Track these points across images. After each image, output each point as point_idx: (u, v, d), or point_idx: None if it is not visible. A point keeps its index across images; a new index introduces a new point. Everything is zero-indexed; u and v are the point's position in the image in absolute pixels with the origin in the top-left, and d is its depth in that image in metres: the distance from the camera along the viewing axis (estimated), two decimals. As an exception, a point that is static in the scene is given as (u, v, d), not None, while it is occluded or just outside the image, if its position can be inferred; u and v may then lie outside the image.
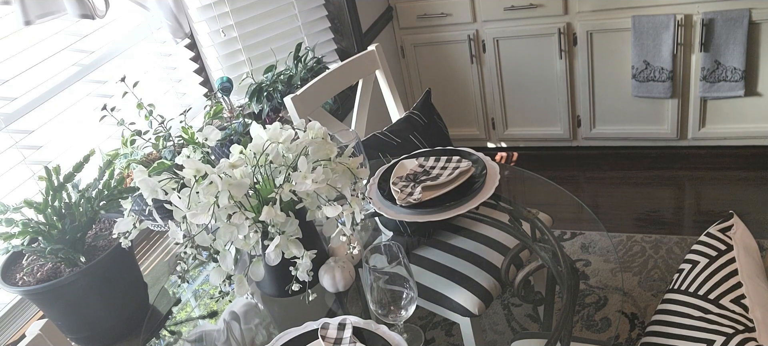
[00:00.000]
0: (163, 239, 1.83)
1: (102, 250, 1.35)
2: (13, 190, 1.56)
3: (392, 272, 1.10)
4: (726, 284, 1.12)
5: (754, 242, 1.22)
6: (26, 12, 1.50)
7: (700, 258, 1.20)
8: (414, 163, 1.54)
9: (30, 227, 1.28)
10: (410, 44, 3.08)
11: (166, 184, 1.15)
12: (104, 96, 1.84)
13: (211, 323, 1.41)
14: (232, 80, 2.04)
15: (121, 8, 1.92)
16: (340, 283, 1.29)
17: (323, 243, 1.36)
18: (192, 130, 1.36)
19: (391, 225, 1.65)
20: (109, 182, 1.37)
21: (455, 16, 2.90)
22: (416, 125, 1.88)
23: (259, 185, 1.17)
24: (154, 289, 1.52)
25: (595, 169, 3.00)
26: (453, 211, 1.36)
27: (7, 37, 1.59)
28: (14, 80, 1.59)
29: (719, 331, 1.05)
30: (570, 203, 1.54)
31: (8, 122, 1.57)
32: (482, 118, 3.17)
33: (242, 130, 1.77)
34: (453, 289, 1.58)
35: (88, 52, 1.82)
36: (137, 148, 1.60)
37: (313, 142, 1.18)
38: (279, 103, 2.15)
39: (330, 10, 2.60)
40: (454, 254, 1.68)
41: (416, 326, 1.25)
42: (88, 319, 1.37)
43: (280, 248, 1.12)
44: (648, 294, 2.24)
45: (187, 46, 2.20)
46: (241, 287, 1.14)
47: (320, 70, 2.22)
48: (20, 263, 1.37)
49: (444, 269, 1.63)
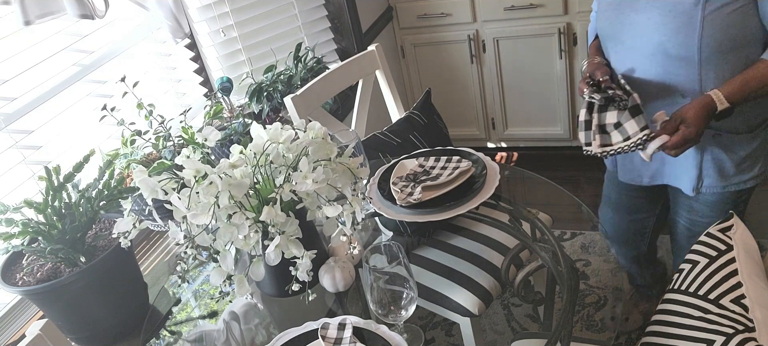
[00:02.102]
0: (163, 239, 1.83)
1: (102, 250, 1.35)
2: (13, 190, 1.56)
3: (392, 272, 1.10)
4: (726, 284, 1.12)
5: (754, 242, 1.22)
6: (26, 12, 1.50)
7: (700, 258, 1.20)
8: (414, 163, 1.54)
9: (30, 227, 1.28)
10: (410, 44, 3.08)
11: (166, 184, 1.15)
12: (104, 96, 1.84)
13: (211, 323, 1.41)
14: (232, 80, 2.04)
15: (121, 8, 1.92)
16: (340, 283, 1.29)
17: (323, 243, 1.36)
18: (192, 130, 1.36)
19: (391, 225, 1.65)
20: (109, 182, 1.37)
21: (455, 16, 2.90)
22: (416, 125, 1.88)
23: (259, 185, 1.17)
24: (154, 289, 1.52)
25: (595, 169, 3.00)
26: (453, 211, 1.36)
27: (7, 37, 1.59)
28: (14, 80, 1.59)
29: (719, 331, 1.05)
30: (570, 203, 1.54)
31: (8, 122, 1.57)
32: (482, 118, 3.17)
33: (242, 130, 1.77)
34: (453, 289, 1.58)
35: (88, 52, 1.82)
36: (137, 148, 1.59)
37: (313, 142, 1.18)
38: (279, 103, 2.15)
39: (330, 10, 2.60)
40: (454, 254, 1.68)
41: (416, 326, 1.25)
42: (88, 319, 1.37)
43: (280, 248, 1.12)
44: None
45: (187, 46, 2.20)
46: (241, 287, 1.14)
47: (320, 70, 2.22)
48: (20, 263, 1.37)
49: (444, 269, 1.63)
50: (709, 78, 1.37)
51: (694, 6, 1.30)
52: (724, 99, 1.31)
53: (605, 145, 1.40)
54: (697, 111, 1.31)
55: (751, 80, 1.31)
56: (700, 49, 1.33)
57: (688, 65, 1.37)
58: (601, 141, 1.40)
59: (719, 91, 1.32)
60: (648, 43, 1.40)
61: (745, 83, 1.31)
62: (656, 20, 1.36)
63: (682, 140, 1.31)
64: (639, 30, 1.41)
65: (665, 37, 1.36)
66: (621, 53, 1.49)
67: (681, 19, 1.32)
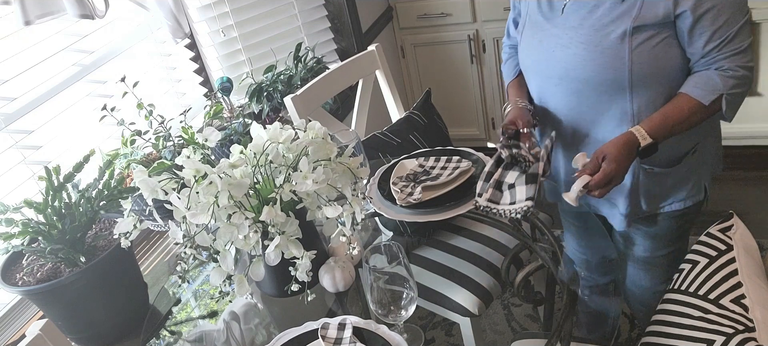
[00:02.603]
0: (163, 239, 1.83)
1: (102, 250, 1.35)
2: (13, 190, 1.56)
3: (392, 272, 1.11)
4: (726, 284, 1.12)
5: (754, 242, 1.22)
6: (26, 12, 1.50)
7: (700, 258, 1.20)
8: (414, 163, 1.54)
9: (30, 227, 1.28)
10: (410, 44, 3.08)
11: (166, 184, 1.15)
12: (104, 96, 1.84)
13: (211, 323, 1.41)
14: (232, 80, 2.04)
15: (121, 8, 1.92)
16: (340, 283, 1.29)
17: (323, 243, 1.36)
18: (192, 130, 1.36)
19: (391, 225, 1.65)
20: (109, 182, 1.37)
21: (455, 16, 2.90)
22: (416, 125, 1.88)
23: (259, 185, 1.17)
24: (154, 289, 1.52)
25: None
26: (453, 211, 1.36)
27: (7, 37, 1.59)
28: (14, 80, 1.59)
29: (719, 331, 1.05)
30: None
31: (8, 122, 1.57)
32: (482, 118, 3.17)
33: (242, 130, 1.77)
34: (453, 289, 1.58)
35: (88, 52, 1.82)
36: (137, 148, 1.59)
37: (313, 142, 1.18)
38: (279, 103, 2.15)
39: (330, 10, 2.60)
40: (454, 254, 1.68)
41: (416, 326, 1.25)
42: (88, 319, 1.37)
43: (280, 248, 1.12)
44: (648, 294, 2.24)
45: (187, 46, 2.20)
46: (241, 287, 1.14)
47: (320, 70, 2.22)
48: (20, 263, 1.37)
49: (444, 269, 1.63)
50: (642, 108, 1.33)
51: (620, 42, 1.27)
52: (646, 135, 1.27)
53: (492, 202, 1.34)
54: (618, 148, 1.26)
55: (672, 113, 1.28)
56: (631, 82, 1.30)
57: (620, 98, 1.33)
58: (491, 196, 1.34)
59: (641, 127, 1.28)
60: (576, 79, 1.36)
61: (666, 117, 1.28)
62: (583, 56, 1.32)
63: (605, 178, 1.24)
64: (566, 65, 1.36)
65: (593, 73, 1.32)
66: (549, 88, 1.44)
67: (608, 54, 1.29)
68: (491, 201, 1.34)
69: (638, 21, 1.25)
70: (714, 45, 1.26)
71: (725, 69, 1.27)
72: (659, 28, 1.26)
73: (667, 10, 1.24)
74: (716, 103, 1.27)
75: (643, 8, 1.25)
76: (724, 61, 1.27)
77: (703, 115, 1.29)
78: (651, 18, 1.25)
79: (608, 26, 1.28)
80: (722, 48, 1.26)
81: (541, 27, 1.41)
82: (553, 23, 1.38)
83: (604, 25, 1.29)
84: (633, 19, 1.26)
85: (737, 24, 1.26)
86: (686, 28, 1.25)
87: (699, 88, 1.28)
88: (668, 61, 1.29)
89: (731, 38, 1.25)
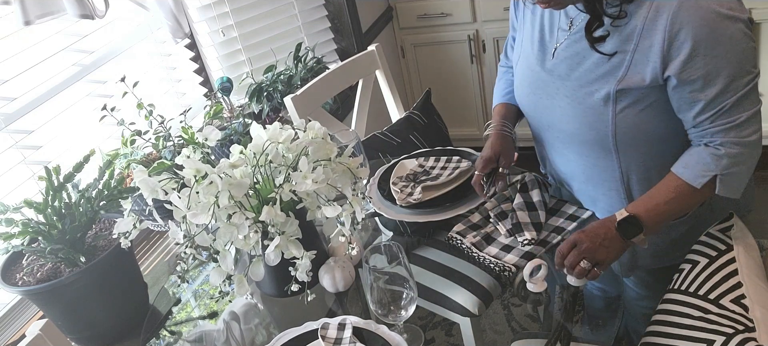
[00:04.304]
0: (163, 239, 1.83)
1: (102, 250, 1.35)
2: (13, 190, 1.56)
3: (392, 272, 1.10)
4: (726, 284, 1.12)
5: (754, 242, 1.22)
6: (26, 12, 1.50)
7: (700, 258, 1.19)
8: (414, 164, 1.54)
9: (30, 227, 1.28)
10: (410, 44, 3.08)
11: (166, 184, 1.15)
12: (104, 96, 1.84)
13: (211, 323, 1.41)
14: (232, 80, 2.04)
15: (121, 8, 1.92)
16: (340, 283, 1.29)
17: (323, 243, 1.36)
18: (192, 130, 1.36)
19: (391, 225, 1.65)
20: (109, 182, 1.37)
21: (455, 16, 2.90)
22: (416, 125, 1.88)
23: (259, 185, 1.17)
24: (154, 289, 1.52)
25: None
26: (453, 211, 1.36)
27: (7, 37, 1.59)
28: (14, 80, 1.59)
29: (719, 331, 1.05)
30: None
31: (8, 122, 1.57)
32: (482, 119, 3.17)
33: (242, 130, 1.77)
34: (453, 289, 1.57)
35: (88, 52, 1.82)
36: (137, 148, 1.59)
37: (313, 142, 1.18)
38: (279, 103, 2.15)
39: (330, 10, 2.60)
40: (454, 254, 1.68)
41: (416, 326, 1.26)
42: (88, 319, 1.37)
43: (280, 248, 1.12)
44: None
45: (187, 46, 2.20)
46: (241, 287, 1.14)
47: (320, 70, 2.22)
48: (20, 263, 1.37)
49: (444, 269, 1.63)
50: (631, 169, 1.26)
51: (604, 105, 1.17)
52: (624, 210, 1.17)
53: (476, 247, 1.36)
54: (591, 226, 1.19)
55: (657, 192, 1.18)
56: (616, 144, 1.21)
57: (606, 156, 1.26)
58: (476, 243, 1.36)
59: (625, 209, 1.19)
60: (563, 131, 1.30)
61: (651, 196, 1.18)
62: (568, 112, 1.25)
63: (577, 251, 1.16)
64: (554, 115, 1.29)
65: (577, 129, 1.25)
66: (541, 133, 1.39)
67: (590, 114, 1.20)
68: (475, 246, 1.36)
69: (623, 84, 1.14)
70: (705, 116, 1.11)
71: (718, 145, 1.12)
72: (647, 91, 1.14)
73: (654, 74, 1.11)
74: (711, 184, 1.14)
75: (630, 69, 1.13)
76: (718, 136, 1.12)
77: (698, 197, 1.17)
78: (637, 82, 1.13)
79: (593, 84, 1.19)
80: (715, 120, 1.11)
81: (532, 69, 1.33)
82: (544, 67, 1.30)
83: (590, 81, 1.19)
84: (618, 80, 1.14)
85: (735, 94, 1.08)
86: (675, 95, 1.12)
87: (689, 169, 1.15)
88: (656, 127, 1.19)
89: (727, 109, 1.09)
